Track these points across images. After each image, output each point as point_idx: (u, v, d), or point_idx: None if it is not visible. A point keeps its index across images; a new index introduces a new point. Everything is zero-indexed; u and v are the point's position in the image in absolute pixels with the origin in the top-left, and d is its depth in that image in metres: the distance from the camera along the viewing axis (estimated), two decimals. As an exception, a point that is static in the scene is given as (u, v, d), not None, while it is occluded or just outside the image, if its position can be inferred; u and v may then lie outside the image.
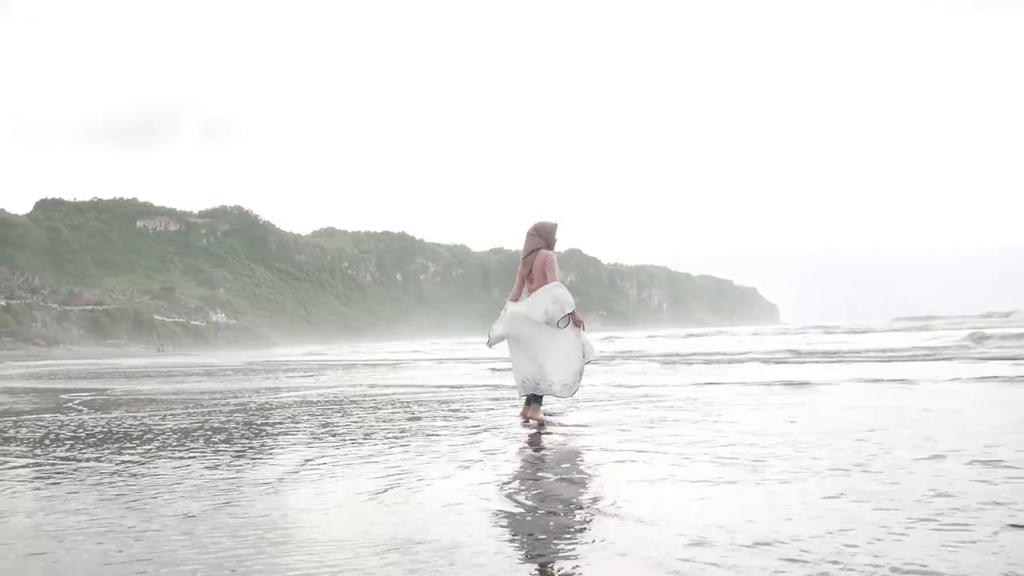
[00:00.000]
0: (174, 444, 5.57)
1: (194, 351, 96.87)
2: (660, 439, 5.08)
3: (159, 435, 6.12)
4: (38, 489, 4.01)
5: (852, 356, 15.73)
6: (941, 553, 2.49)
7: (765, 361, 15.31)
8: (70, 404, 9.76)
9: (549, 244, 6.16)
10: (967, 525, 2.79)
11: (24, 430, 6.78)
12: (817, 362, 14.34)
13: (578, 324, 5.92)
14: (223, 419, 7.34)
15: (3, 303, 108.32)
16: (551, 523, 3.09)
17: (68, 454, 5.21)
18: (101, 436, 6.19)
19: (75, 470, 4.55)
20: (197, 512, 3.34)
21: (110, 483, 4.09)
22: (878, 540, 2.65)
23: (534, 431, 5.74)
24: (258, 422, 7.05)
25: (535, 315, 5.85)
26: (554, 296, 5.83)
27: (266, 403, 9.27)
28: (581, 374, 5.94)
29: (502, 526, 3.09)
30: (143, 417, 7.75)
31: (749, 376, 11.10)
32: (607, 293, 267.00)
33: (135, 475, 4.31)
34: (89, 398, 11.00)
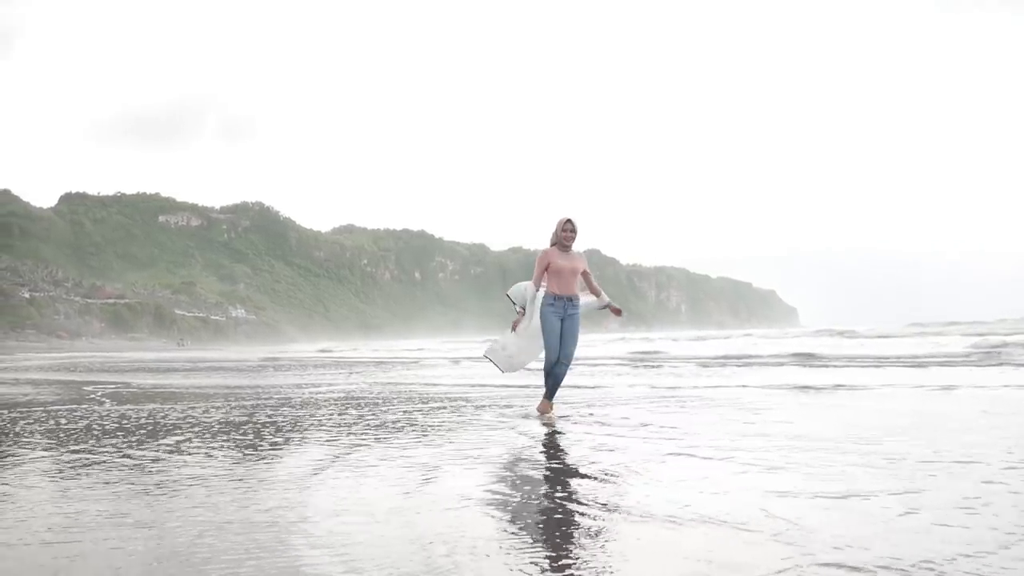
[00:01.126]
0: (224, 437, 5.58)
1: (213, 346, 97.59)
2: (722, 440, 5.00)
3: (209, 427, 6.14)
4: (57, 480, 3.99)
5: (884, 361, 15.53)
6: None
7: (800, 364, 15.17)
8: (96, 396, 9.82)
9: (555, 239, 6.72)
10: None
11: (62, 421, 6.83)
12: (848, 366, 14.16)
13: (514, 326, 6.70)
14: (270, 412, 7.37)
15: (27, 295, 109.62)
16: (585, 523, 3.02)
17: (111, 445, 5.23)
18: (150, 428, 6.22)
19: (93, 463, 4.54)
20: (237, 506, 3.32)
21: (130, 478, 4.09)
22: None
23: (565, 432, 5.72)
24: (304, 416, 7.07)
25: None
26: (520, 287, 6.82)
27: (310, 398, 9.32)
28: (494, 353, 6.86)
29: (543, 527, 3.02)
30: (185, 409, 7.79)
31: (789, 379, 10.97)
32: (625, 294, 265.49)
33: (155, 471, 4.31)
34: (128, 391, 11.07)
